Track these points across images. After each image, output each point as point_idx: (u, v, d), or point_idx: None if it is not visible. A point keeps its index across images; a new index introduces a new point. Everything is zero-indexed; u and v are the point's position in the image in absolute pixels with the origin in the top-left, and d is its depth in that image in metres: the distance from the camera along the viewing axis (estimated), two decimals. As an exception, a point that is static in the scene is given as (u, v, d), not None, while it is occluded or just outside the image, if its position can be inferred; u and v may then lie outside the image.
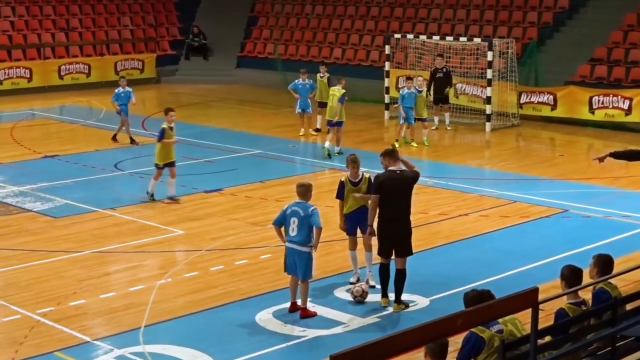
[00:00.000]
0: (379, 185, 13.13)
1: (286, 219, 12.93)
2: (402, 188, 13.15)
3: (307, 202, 12.95)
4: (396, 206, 13.13)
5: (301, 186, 13.09)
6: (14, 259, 15.71)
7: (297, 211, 12.85)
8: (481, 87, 28.49)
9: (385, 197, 13.07)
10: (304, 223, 12.79)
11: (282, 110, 31.15)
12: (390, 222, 13.18)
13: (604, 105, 27.37)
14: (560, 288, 9.56)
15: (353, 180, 14.17)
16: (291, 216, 12.86)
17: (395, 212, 13.16)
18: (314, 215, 12.80)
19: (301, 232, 12.81)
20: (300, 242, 12.83)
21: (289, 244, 12.95)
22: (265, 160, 23.44)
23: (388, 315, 13.06)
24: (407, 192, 13.22)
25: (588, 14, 32.44)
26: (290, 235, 12.90)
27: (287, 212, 12.93)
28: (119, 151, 24.47)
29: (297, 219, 12.81)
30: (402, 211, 13.20)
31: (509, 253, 15.90)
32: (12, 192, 20.21)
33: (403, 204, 13.19)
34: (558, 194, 19.57)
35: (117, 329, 12.70)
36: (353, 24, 37.24)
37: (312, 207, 12.86)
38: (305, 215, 12.77)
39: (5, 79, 34.92)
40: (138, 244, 16.45)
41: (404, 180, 13.18)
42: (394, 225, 13.18)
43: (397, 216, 13.18)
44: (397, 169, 13.25)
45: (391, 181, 13.11)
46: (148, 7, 41.50)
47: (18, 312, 13.27)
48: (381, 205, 13.14)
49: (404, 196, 13.19)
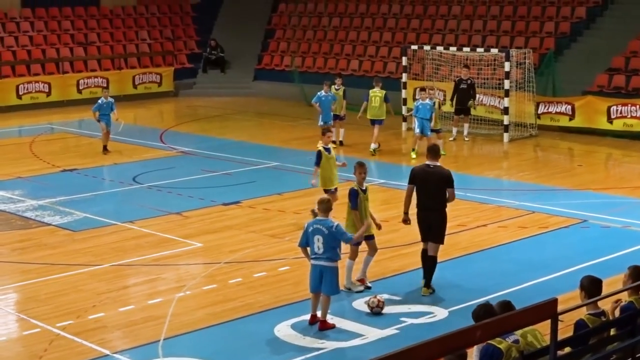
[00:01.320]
0: (412, 177, 14.41)
1: (309, 238, 12.85)
2: (432, 182, 14.19)
3: (328, 219, 12.86)
4: (428, 197, 14.25)
5: (324, 202, 13.01)
6: (33, 272, 15.77)
7: (320, 229, 12.74)
8: (499, 97, 28.43)
9: (418, 187, 14.33)
10: (330, 240, 12.72)
11: (299, 123, 31.18)
12: (423, 211, 14.35)
13: (622, 115, 27.28)
14: (580, 299, 9.52)
15: (361, 187, 14.54)
16: (314, 234, 12.76)
17: (427, 202, 14.26)
18: (340, 232, 12.80)
19: (328, 250, 12.73)
20: (328, 258, 12.76)
21: (315, 261, 12.85)
22: (283, 173, 23.46)
23: (407, 326, 13.03)
24: (438, 186, 14.19)
25: (605, 23, 32.37)
26: (316, 253, 12.80)
27: (308, 230, 12.85)
28: (137, 164, 24.54)
29: (321, 237, 12.72)
30: (433, 201, 14.23)
31: (528, 264, 15.84)
32: (31, 205, 20.29)
33: (434, 195, 14.22)
34: (577, 205, 19.50)
35: (136, 342, 12.72)
36: (370, 35, 37.29)
37: (334, 223, 12.80)
38: (330, 232, 12.69)
39: (25, 93, 35.09)
40: (157, 257, 16.48)
41: (435, 175, 14.20)
42: (426, 213, 14.29)
43: (429, 206, 14.26)
44: (431, 163, 14.35)
45: (423, 174, 14.33)
46: (166, 20, 41.68)
47: (38, 326, 13.31)
48: (416, 195, 14.38)
49: (435, 189, 14.21)
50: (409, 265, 15.83)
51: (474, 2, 35.69)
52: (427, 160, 14.42)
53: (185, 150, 26.55)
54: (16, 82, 35.08)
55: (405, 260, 16.07)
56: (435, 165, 14.31)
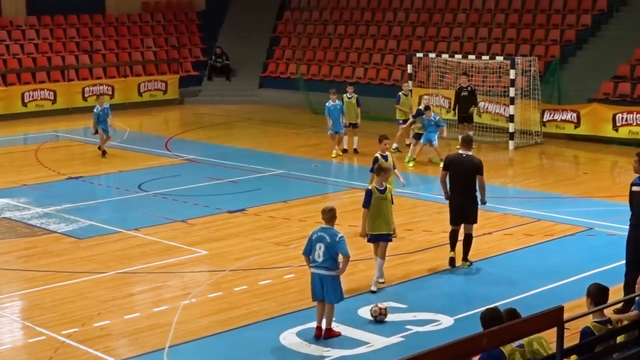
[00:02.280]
0: (447, 163, 16.06)
1: (312, 245, 12.78)
2: (464, 169, 15.76)
3: (333, 228, 12.80)
4: (461, 183, 15.80)
5: (329, 211, 12.90)
6: (38, 280, 15.77)
7: (324, 237, 12.67)
8: (504, 105, 28.42)
9: (452, 174, 15.88)
10: (331, 249, 12.63)
11: (305, 130, 31.20)
12: (456, 195, 15.91)
13: (628, 123, 27.25)
14: (586, 306, 9.50)
15: (379, 187, 15.00)
16: (317, 242, 12.69)
17: (460, 187, 15.81)
18: (342, 244, 12.66)
19: (328, 259, 12.63)
20: (327, 267, 12.67)
21: (315, 269, 12.78)
22: (288, 180, 23.46)
23: (412, 334, 13.01)
24: (469, 174, 15.75)
25: (610, 31, 32.36)
26: (316, 261, 12.71)
27: (312, 237, 12.79)
28: (142, 172, 24.56)
29: (323, 245, 12.64)
30: (465, 187, 15.79)
31: (534, 272, 15.81)
32: (36, 213, 20.30)
33: (467, 181, 15.79)
34: (582, 212, 19.47)
35: (142, 350, 12.71)
36: (375, 43, 37.31)
37: (338, 234, 12.71)
38: (332, 242, 12.61)
39: (30, 101, 35.15)
40: (162, 265, 16.48)
41: (467, 164, 15.78)
42: (460, 197, 15.86)
43: (462, 190, 15.81)
44: (464, 153, 15.91)
45: (456, 162, 15.90)
46: (171, 28, 41.73)
47: (43, 333, 13.31)
48: (450, 181, 15.94)
49: (467, 176, 15.77)
50: (414, 273, 15.82)
51: (479, 9, 35.71)
52: (461, 150, 15.97)
53: (191, 157, 26.56)
54: (22, 89, 35.14)
55: (411, 268, 16.05)
56: (468, 155, 15.87)
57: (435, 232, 18.20)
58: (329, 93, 26.32)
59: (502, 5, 35.29)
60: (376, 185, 14.97)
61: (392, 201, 15.25)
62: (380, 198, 14.87)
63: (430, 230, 18.36)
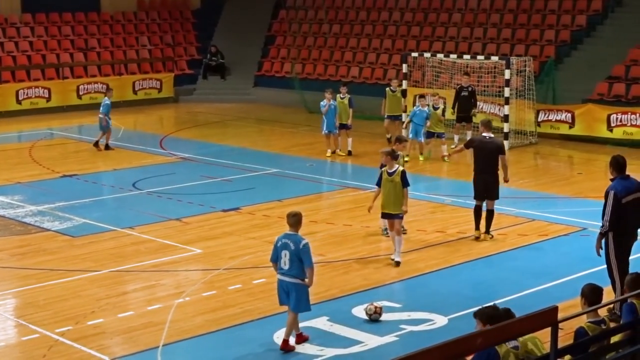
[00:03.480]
0: (470, 142, 18.19)
1: (278, 252, 12.39)
2: (488, 151, 17.35)
3: (298, 235, 12.39)
4: (485, 163, 17.39)
5: (293, 216, 12.49)
6: (32, 278, 15.75)
7: (288, 244, 12.28)
8: (499, 105, 28.43)
9: (476, 154, 17.61)
10: (296, 257, 12.22)
11: (299, 129, 31.20)
12: (480, 174, 17.48)
13: (622, 123, 27.29)
14: (580, 306, 9.52)
15: (389, 170, 16.14)
16: (282, 249, 12.30)
17: (484, 167, 17.39)
18: (305, 254, 12.21)
19: (293, 266, 12.25)
20: (293, 275, 12.29)
21: (281, 276, 12.42)
22: (282, 179, 23.45)
23: (406, 333, 13.02)
24: (493, 155, 17.34)
25: (605, 32, 32.40)
26: (282, 269, 12.34)
27: (277, 244, 12.40)
28: (137, 170, 24.53)
29: (288, 252, 12.24)
30: (489, 167, 17.38)
31: (528, 272, 15.83)
32: (30, 211, 20.28)
33: (491, 161, 17.36)
34: (577, 212, 19.49)
35: (135, 348, 12.70)
36: (370, 42, 37.31)
37: (303, 241, 12.27)
38: (297, 249, 12.19)
39: (24, 98, 35.10)
40: (156, 263, 16.47)
41: (490, 145, 17.42)
42: (483, 176, 17.42)
43: (485, 170, 17.38)
44: (487, 135, 17.51)
45: (481, 144, 17.53)
46: (166, 26, 41.70)
47: (37, 332, 13.29)
48: (474, 161, 17.76)
49: (490, 157, 17.34)
50: (408, 272, 15.83)
51: (474, 9, 35.73)
52: (484, 132, 17.56)
53: (185, 156, 26.54)
54: (16, 87, 35.11)
55: (405, 268, 16.05)
56: (491, 137, 17.53)
57: (429, 232, 18.22)
58: (325, 92, 26.19)
59: (497, 6, 35.32)
60: (387, 169, 16.10)
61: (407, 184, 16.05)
62: (388, 180, 16.01)
63: (425, 230, 18.37)
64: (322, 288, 14.92)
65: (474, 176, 17.63)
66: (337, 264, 16.24)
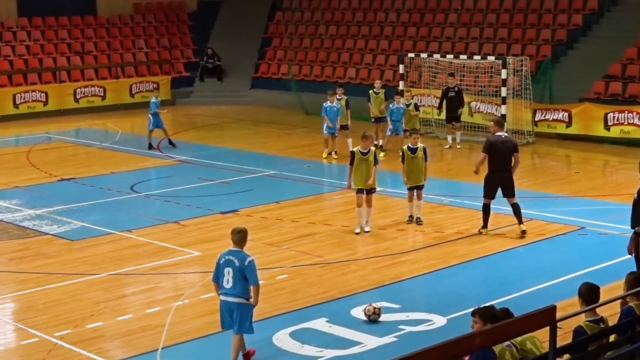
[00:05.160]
0: (489, 146, 17.58)
1: (220, 270, 11.61)
2: (504, 150, 17.48)
3: (243, 251, 11.66)
4: (501, 161, 17.52)
5: (238, 232, 11.74)
6: (31, 282, 15.75)
7: (232, 261, 11.52)
8: (495, 105, 28.45)
9: (492, 154, 17.50)
10: (240, 274, 11.48)
11: (296, 131, 31.20)
12: (496, 172, 17.55)
13: (619, 122, 27.30)
14: (578, 306, 9.52)
15: (362, 151, 17.84)
16: (225, 266, 11.54)
17: (501, 166, 17.53)
18: (251, 269, 11.50)
19: (237, 285, 11.50)
20: (236, 294, 11.55)
21: (223, 297, 11.65)
22: (280, 181, 23.45)
23: (405, 334, 13.03)
24: (509, 153, 17.53)
25: (602, 30, 32.41)
26: (225, 288, 11.56)
27: (220, 262, 11.63)
28: (134, 173, 24.54)
29: (232, 270, 11.49)
30: (505, 165, 17.56)
31: (526, 271, 15.84)
32: (28, 215, 20.27)
33: (507, 159, 17.55)
34: (574, 211, 19.51)
35: (135, 351, 12.70)
36: (367, 43, 37.33)
37: (248, 258, 11.55)
38: (241, 266, 11.46)
39: (22, 102, 35.10)
40: (154, 266, 16.47)
41: (508, 143, 17.64)
42: (499, 174, 17.55)
43: (502, 168, 17.53)
44: (502, 134, 17.84)
45: (497, 143, 17.48)
46: (162, 29, 41.70)
47: (36, 335, 13.29)
48: (490, 160, 17.60)
49: (506, 156, 17.53)
50: (406, 272, 15.84)
51: (470, 9, 35.75)
52: (497, 132, 17.69)
53: (183, 159, 26.55)
54: (13, 91, 35.11)
55: (403, 268, 16.07)
56: (506, 135, 18.03)
57: (427, 232, 18.23)
58: (328, 94, 26.15)
59: (493, 5, 35.33)
60: (360, 149, 17.82)
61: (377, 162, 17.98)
62: (361, 159, 17.77)
63: (423, 231, 18.38)
64: (320, 289, 14.95)
65: (488, 175, 17.70)
66: (336, 265, 16.25)
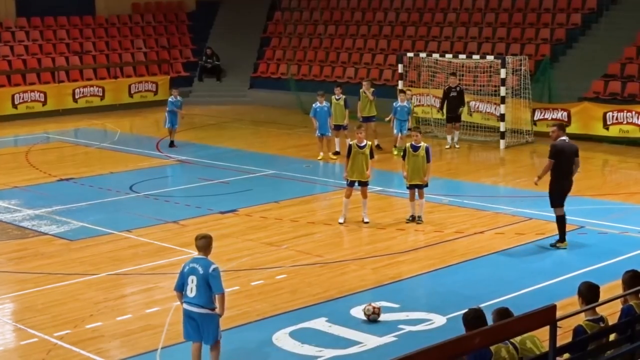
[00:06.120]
0: (557, 152, 16.56)
1: (184, 279, 11.27)
2: (572, 153, 16.68)
3: (208, 259, 11.36)
4: (567, 167, 16.63)
5: (201, 239, 11.51)
6: (30, 282, 15.74)
7: (196, 269, 11.20)
8: (495, 104, 28.46)
9: (560, 161, 16.50)
10: (204, 282, 11.14)
11: (296, 131, 31.20)
12: (563, 179, 16.57)
13: (619, 121, 27.31)
14: (578, 305, 9.52)
15: (359, 144, 18.39)
16: (189, 274, 11.21)
17: (567, 172, 16.64)
18: (214, 279, 11.15)
19: (201, 293, 11.16)
20: (200, 304, 11.20)
21: (187, 306, 11.29)
22: (279, 181, 23.45)
23: (405, 334, 13.02)
24: (573, 158, 16.70)
25: (600, 30, 32.42)
26: (188, 297, 11.22)
27: (184, 270, 11.32)
28: (133, 173, 24.53)
29: (196, 278, 11.15)
30: (570, 170, 16.71)
31: (526, 270, 15.84)
32: (27, 215, 20.26)
33: (570, 165, 16.70)
34: (574, 211, 19.46)
35: (134, 351, 12.70)
36: (365, 43, 37.32)
37: (212, 265, 11.22)
38: (205, 274, 11.13)
39: (20, 102, 35.07)
40: (154, 266, 16.46)
41: (573, 148, 16.78)
42: (567, 181, 16.66)
43: (568, 174, 16.66)
44: (565, 138, 16.81)
45: (566, 148, 16.60)
46: (161, 29, 41.69)
47: (35, 336, 13.28)
48: (556, 167, 16.53)
49: (570, 161, 16.68)
50: (406, 272, 15.84)
51: (469, 9, 35.75)
52: (561, 136, 16.70)
53: (182, 158, 26.54)
54: (12, 91, 35.07)
55: (403, 268, 16.06)
56: (569, 140, 17.06)
57: (427, 232, 18.22)
58: (317, 95, 26.18)
59: (492, 5, 35.33)
60: (357, 143, 18.35)
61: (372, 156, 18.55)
62: (358, 152, 18.28)
63: (422, 230, 18.38)
64: (320, 289, 14.95)
65: (555, 182, 16.56)
66: (335, 265, 16.25)
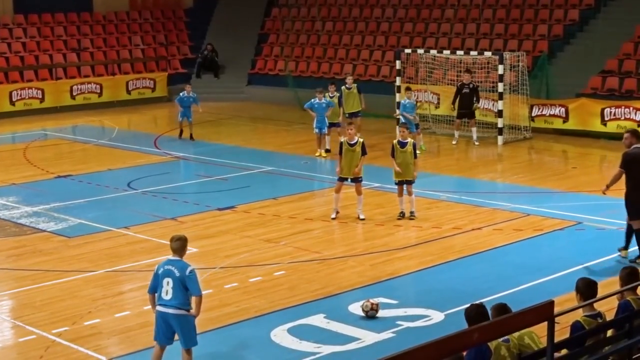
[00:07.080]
0: (629, 161, 15.60)
1: (158, 280, 11.09)
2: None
3: (182, 260, 11.22)
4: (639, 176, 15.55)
5: (177, 240, 11.30)
6: (28, 279, 15.74)
7: (172, 271, 11.04)
8: (492, 100, 28.46)
9: (632, 169, 15.49)
10: (181, 284, 10.99)
11: (293, 127, 31.19)
12: (637, 190, 15.45)
13: (616, 117, 27.32)
14: (576, 301, 9.53)
15: (350, 142, 18.48)
16: (164, 276, 11.04)
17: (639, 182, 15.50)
18: (192, 281, 11.02)
19: (177, 295, 10.99)
20: (176, 306, 11.02)
21: (161, 307, 11.08)
22: (277, 177, 23.45)
23: (403, 330, 13.02)
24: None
25: (598, 26, 32.42)
26: (163, 299, 11.03)
27: (158, 272, 11.14)
28: (131, 170, 24.51)
29: (171, 280, 10.99)
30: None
31: (523, 266, 15.84)
32: (25, 212, 20.26)
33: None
34: (571, 207, 19.52)
35: (132, 348, 12.69)
36: (363, 39, 37.30)
37: (188, 267, 11.09)
38: (182, 276, 10.97)
39: (18, 99, 35.05)
40: (152, 263, 16.37)
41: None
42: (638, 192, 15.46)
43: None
44: (638, 145, 15.63)
45: (637, 157, 15.50)
46: (159, 26, 41.66)
47: (33, 332, 13.28)
48: (630, 176, 15.56)
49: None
50: (404, 268, 15.85)
51: (467, 5, 35.72)
52: (635, 144, 15.62)
53: (180, 155, 26.54)
54: (9, 88, 35.04)
55: (401, 264, 16.07)
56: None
57: (424, 228, 18.22)
58: (316, 92, 26.10)
59: (489, 1, 35.30)
60: (348, 141, 18.47)
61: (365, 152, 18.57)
62: (348, 150, 18.41)
63: (420, 226, 18.38)
64: (318, 285, 14.95)
65: (631, 193, 15.60)
66: (333, 261, 16.25)
